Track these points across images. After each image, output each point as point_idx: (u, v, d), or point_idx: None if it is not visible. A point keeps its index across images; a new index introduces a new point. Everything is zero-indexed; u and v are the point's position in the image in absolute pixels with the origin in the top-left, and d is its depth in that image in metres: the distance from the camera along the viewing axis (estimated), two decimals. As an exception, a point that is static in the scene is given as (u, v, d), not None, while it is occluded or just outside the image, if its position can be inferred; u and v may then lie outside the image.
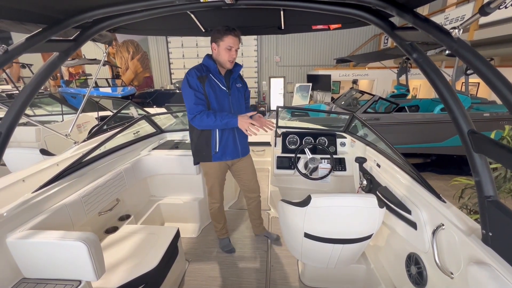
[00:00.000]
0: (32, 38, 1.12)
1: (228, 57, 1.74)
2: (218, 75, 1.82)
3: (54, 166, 2.08)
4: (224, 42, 1.70)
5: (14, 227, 1.33)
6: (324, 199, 1.43)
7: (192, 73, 1.77)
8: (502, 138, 2.34)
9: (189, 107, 1.78)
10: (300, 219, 1.51)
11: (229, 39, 1.69)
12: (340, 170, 2.74)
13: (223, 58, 1.75)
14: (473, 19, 0.95)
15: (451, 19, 7.26)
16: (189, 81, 1.76)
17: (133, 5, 1.19)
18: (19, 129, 3.74)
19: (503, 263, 0.95)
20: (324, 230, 1.51)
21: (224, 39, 1.69)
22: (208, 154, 1.96)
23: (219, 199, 2.20)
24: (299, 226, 1.54)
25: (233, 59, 1.77)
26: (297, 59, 13.29)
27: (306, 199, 1.46)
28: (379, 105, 5.68)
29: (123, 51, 13.82)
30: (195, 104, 1.75)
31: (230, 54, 1.73)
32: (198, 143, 1.96)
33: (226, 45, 1.70)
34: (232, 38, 1.69)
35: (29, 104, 1.29)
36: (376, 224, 1.49)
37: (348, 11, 1.24)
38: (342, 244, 1.55)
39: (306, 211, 1.46)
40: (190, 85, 1.75)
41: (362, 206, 1.44)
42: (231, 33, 1.68)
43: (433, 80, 1.11)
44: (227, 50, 1.71)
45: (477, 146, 1.00)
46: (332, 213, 1.46)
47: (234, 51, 1.73)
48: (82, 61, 9.30)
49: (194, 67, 1.80)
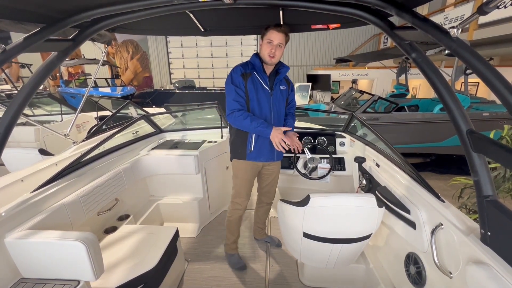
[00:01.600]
0: (30, 38, 1.11)
1: (268, 51, 1.70)
2: (262, 74, 1.79)
3: (53, 166, 2.08)
4: (266, 36, 1.69)
5: (12, 227, 1.33)
6: (323, 199, 1.43)
7: (237, 70, 1.76)
8: (501, 137, 2.34)
9: (228, 102, 1.77)
10: (299, 219, 1.51)
11: (271, 33, 1.67)
12: (339, 170, 2.74)
13: (263, 52, 1.73)
14: (472, 19, 0.95)
15: (450, 19, 7.27)
16: (232, 77, 1.75)
17: (131, 4, 1.19)
18: (18, 129, 3.73)
19: (502, 262, 0.95)
20: (323, 230, 1.51)
21: (267, 33, 1.69)
22: (243, 152, 1.90)
23: (244, 204, 2.07)
24: (298, 226, 1.54)
25: (273, 54, 1.71)
26: (297, 59, 13.29)
27: (305, 198, 1.46)
28: (379, 105, 5.68)
29: (123, 51, 13.81)
30: (234, 100, 1.73)
31: (270, 48, 1.69)
32: (234, 139, 1.92)
33: (267, 39, 1.69)
34: (274, 32, 1.67)
35: (27, 104, 1.29)
36: (375, 224, 1.49)
37: (347, 10, 1.24)
38: (341, 244, 1.55)
39: (305, 211, 1.46)
40: (232, 81, 1.75)
41: (361, 205, 1.43)
42: (275, 28, 1.66)
43: (432, 80, 1.11)
44: (267, 43, 1.69)
45: (476, 146, 1.00)
46: (331, 213, 1.45)
47: (274, 46, 1.69)
48: (81, 61, 9.28)
49: (240, 64, 1.79)
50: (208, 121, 3.87)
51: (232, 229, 2.15)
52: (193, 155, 2.47)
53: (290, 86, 1.97)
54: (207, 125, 3.24)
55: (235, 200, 2.07)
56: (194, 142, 2.82)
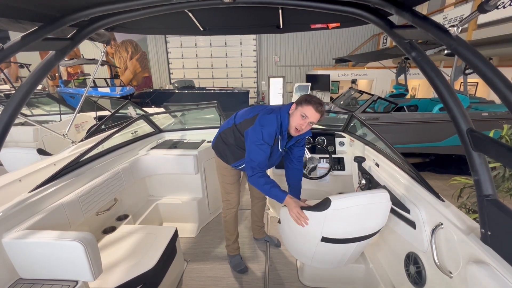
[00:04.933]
0: (28, 37, 1.11)
1: (297, 124, 1.61)
2: (284, 138, 1.72)
3: (51, 165, 2.07)
4: (303, 108, 1.58)
5: (10, 227, 1.32)
6: (344, 201, 1.39)
7: (274, 130, 1.64)
8: (500, 137, 2.34)
9: (255, 155, 1.64)
10: (319, 224, 1.45)
11: (309, 109, 1.57)
12: (339, 169, 2.74)
13: (292, 122, 1.64)
14: (472, 17, 0.95)
15: (449, 19, 7.28)
16: (268, 134, 1.62)
17: (130, 3, 1.18)
18: (17, 129, 3.72)
19: (502, 262, 0.94)
20: (343, 232, 1.47)
21: (304, 106, 1.58)
22: (229, 160, 1.91)
23: (235, 201, 2.08)
24: (317, 231, 1.48)
25: (301, 129, 1.63)
26: (296, 59, 13.30)
27: (324, 202, 1.40)
28: (378, 104, 5.69)
29: (122, 51, 13.79)
30: (263, 160, 1.65)
31: (300, 123, 1.60)
32: (229, 149, 1.88)
33: (303, 112, 1.58)
34: (312, 110, 1.56)
35: (25, 103, 1.28)
36: (386, 218, 1.50)
37: (347, 9, 1.24)
38: (356, 242, 1.53)
39: (326, 215, 1.40)
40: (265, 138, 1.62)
41: (377, 202, 1.43)
42: (315, 106, 1.56)
43: (432, 79, 1.11)
44: (301, 116, 1.60)
45: (476, 145, 1.00)
46: (351, 214, 1.42)
47: (306, 123, 1.60)
48: (80, 61, 9.27)
49: (276, 121, 1.64)
50: (207, 121, 3.87)
51: (230, 228, 2.15)
52: (192, 155, 2.46)
53: (301, 141, 1.92)
54: (206, 125, 3.24)
55: (226, 199, 2.09)
56: (194, 142, 2.81)
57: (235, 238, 2.19)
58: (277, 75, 12.94)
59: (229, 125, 1.88)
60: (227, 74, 13.97)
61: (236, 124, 1.82)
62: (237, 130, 1.81)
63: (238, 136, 1.81)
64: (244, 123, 1.76)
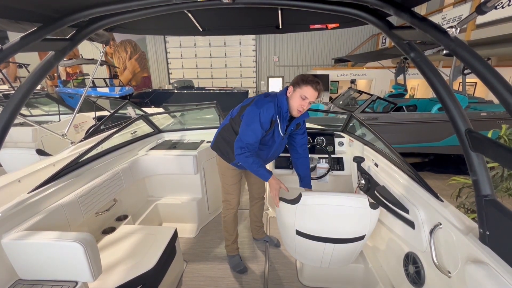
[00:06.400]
0: (27, 37, 1.10)
1: (299, 105, 1.66)
2: (284, 121, 1.75)
3: (51, 166, 2.07)
4: (302, 90, 1.62)
5: (9, 227, 1.32)
6: (314, 197, 1.46)
7: (270, 112, 1.65)
8: (499, 137, 2.35)
9: (246, 134, 1.67)
10: (292, 216, 1.54)
11: (307, 89, 1.61)
12: (338, 169, 2.74)
13: (292, 104, 1.68)
14: (470, 18, 0.95)
15: (448, 19, 7.30)
16: (264, 116, 1.64)
17: (129, 4, 1.18)
18: (16, 130, 3.71)
19: (501, 261, 0.95)
20: (314, 228, 1.53)
21: (303, 88, 1.61)
22: (231, 158, 1.90)
23: (235, 202, 2.08)
24: (291, 223, 1.57)
25: (303, 110, 1.68)
26: (295, 59, 13.31)
27: (297, 196, 1.48)
28: (377, 104, 5.69)
29: (121, 51, 13.77)
30: (254, 142, 1.67)
31: (302, 104, 1.65)
32: (229, 146, 1.87)
33: (302, 94, 1.62)
34: (311, 90, 1.60)
35: (24, 104, 1.28)
36: (368, 225, 1.50)
37: (346, 10, 1.24)
38: (333, 244, 1.57)
39: (297, 209, 1.48)
40: (261, 121, 1.64)
41: (353, 206, 1.44)
42: (313, 85, 1.60)
43: (431, 79, 1.12)
44: (300, 98, 1.64)
45: (474, 145, 1.00)
46: (322, 212, 1.47)
47: (307, 103, 1.65)
48: (79, 61, 9.26)
49: (273, 104, 1.66)
50: (206, 121, 3.87)
51: (229, 229, 2.16)
52: (192, 155, 2.46)
53: (301, 126, 1.94)
54: (205, 125, 3.24)
55: (226, 199, 2.10)
56: (193, 142, 2.81)
57: (235, 238, 2.20)
58: (276, 75, 12.96)
59: (227, 121, 1.91)
60: (226, 74, 13.98)
61: (233, 118, 1.85)
62: (235, 124, 1.83)
63: (236, 129, 1.83)
64: (241, 110, 1.80)
